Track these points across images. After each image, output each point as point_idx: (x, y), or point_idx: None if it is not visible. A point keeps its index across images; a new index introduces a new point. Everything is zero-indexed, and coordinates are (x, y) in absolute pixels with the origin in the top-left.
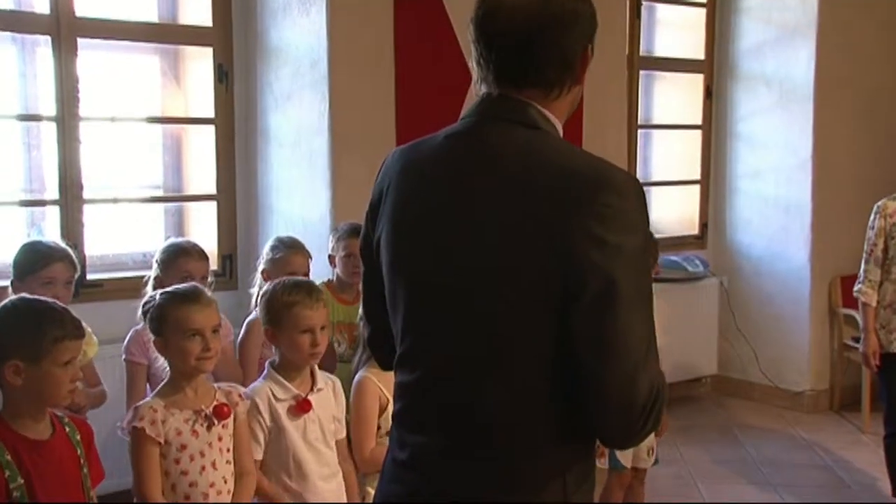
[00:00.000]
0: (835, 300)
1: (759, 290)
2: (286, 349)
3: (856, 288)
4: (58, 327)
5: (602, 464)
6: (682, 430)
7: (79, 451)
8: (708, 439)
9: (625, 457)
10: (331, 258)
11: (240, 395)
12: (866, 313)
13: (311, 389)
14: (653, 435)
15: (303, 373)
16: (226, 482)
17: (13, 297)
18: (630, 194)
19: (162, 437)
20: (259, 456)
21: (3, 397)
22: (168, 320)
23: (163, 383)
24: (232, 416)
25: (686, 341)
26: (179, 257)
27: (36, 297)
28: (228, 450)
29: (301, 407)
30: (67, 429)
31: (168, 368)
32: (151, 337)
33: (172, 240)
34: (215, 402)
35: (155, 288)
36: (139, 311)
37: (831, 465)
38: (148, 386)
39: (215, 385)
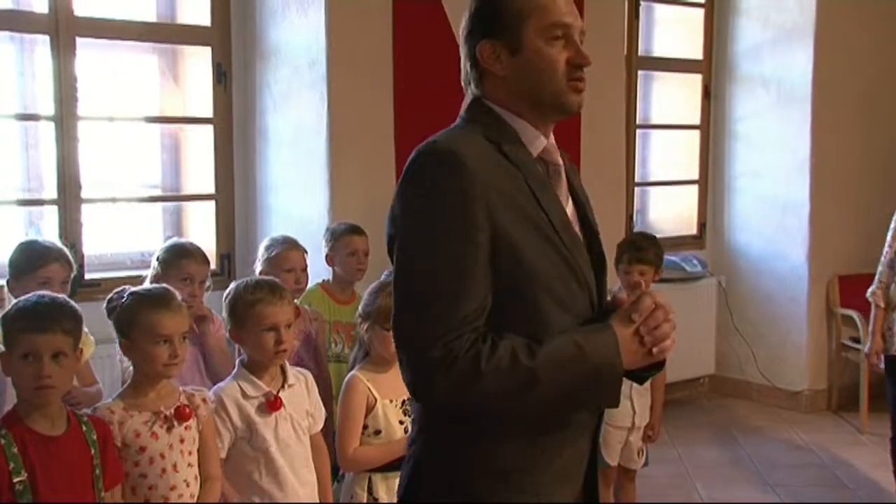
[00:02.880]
0: (833, 300)
1: (757, 289)
2: (251, 349)
3: (869, 290)
4: (21, 319)
5: None
6: (680, 429)
7: (93, 451)
8: (705, 439)
9: (610, 455)
10: (328, 258)
11: (203, 399)
12: (876, 315)
13: (282, 386)
14: (640, 436)
15: (272, 370)
16: (188, 486)
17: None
18: (420, 163)
19: (119, 440)
20: (222, 455)
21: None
22: (138, 324)
23: (125, 385)
24: (194, 418)
25: (684, 341)
26: (182, 259)
27: (44, 294)
28: (191, 453)
29: (272, 405)
30: (84, 427)
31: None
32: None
33: (175, 240)
34: (177, 404)
35: None
36: (104, 307)
37: (829, 465)
38: None
39: (180, 388)
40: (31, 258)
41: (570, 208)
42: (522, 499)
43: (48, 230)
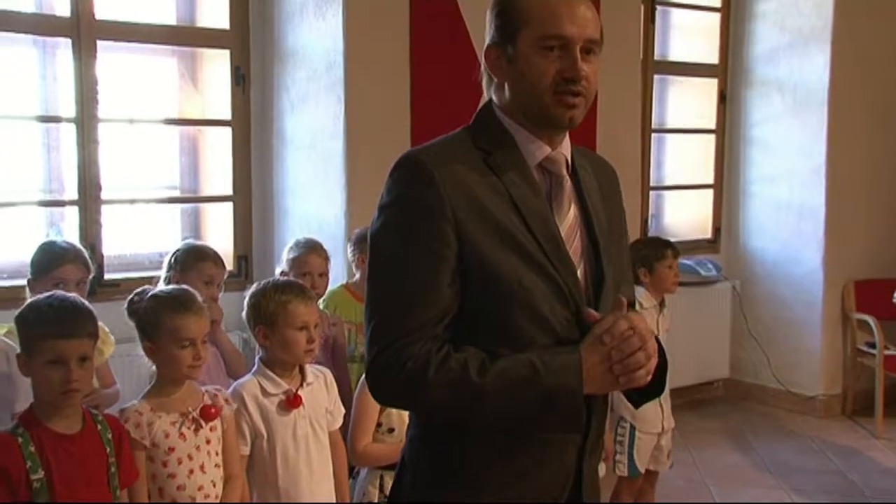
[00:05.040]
0: (848, 305)
1: (771, 294)
2: (280, 348)
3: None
4: (45, 325)
5: (621, 471)
6: (694, 433)
7: (108, 450)
8: (720, 442)
9: (641, 462)
10: (360, 260)
11: (226, 399)
12: None
13: (301, 384)
14: (670, 438)
15: (292, 369)
16: (214, 486)
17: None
18: (392, 172)
19: (148, 441)
20: (245, 451)
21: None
22: (162, 327)
23: (150, 386)
24: (220, 418)
25: (698, 345)
26: (201, 261)
27: (53, 293)
28: (217, 453)
29: (291, 402)
30: (99, 427)
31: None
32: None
33: (191, 242)
34: (202, 404)
35: None
36: (125, 308)
37: (843, 470)
38: None
39: (202, 388)
40: (48, 259)
41: (571, 219)
42: None
43: (69, 231)
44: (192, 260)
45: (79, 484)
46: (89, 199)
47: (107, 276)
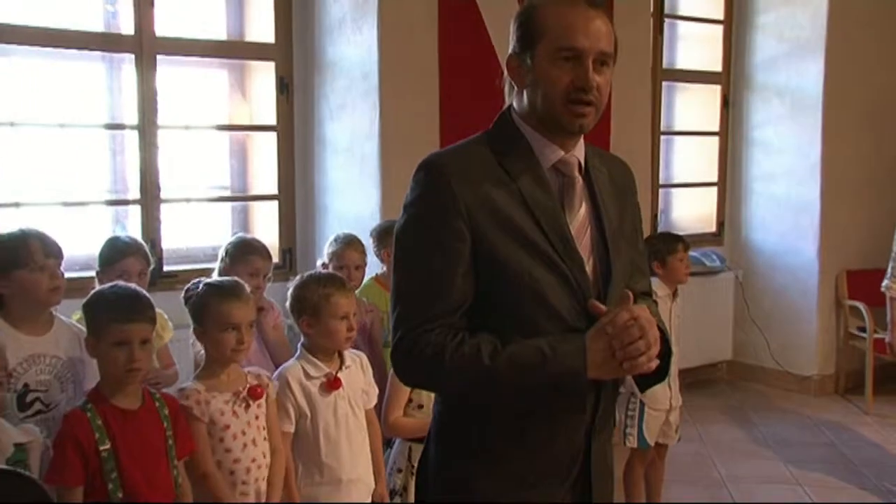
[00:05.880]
0: (841, 292)
1: (771, 283)
2: (323, 336)
3: (883, 283)
4: (110, 311)
5: (631, 443)
6: (700, 410)
7: (165, 424)
8: (723, 420)
9: (650, 436)
10: (382, 255)
11: (268, 378)
12: (892, 307)
13: (340, 368)
14: (679, 413)
15: (333, 354)
16: (264, 457)
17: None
18: (414, 174)
19: (206, 417)
20: (290, 429)
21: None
22: (209, 313)
23: (200, 368)
24: (265, 396)
25: (704, 329)
26: (249, 254)
27: (116, 283)
28: (264, 428)
29: (332, 384)
30: (157, 403)
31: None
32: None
33: (241, 236)
34: (248, 384)
35: None
36: (182, 297)
37: (836, 443)
38: None
39: (245, 370)
40: (112, 252)
41: (581, 217)
42: (509, 489)
43: (132, 227)
44: (241, 253)
45: (141, 454)
46: (150, 198)
47: (166, 269)
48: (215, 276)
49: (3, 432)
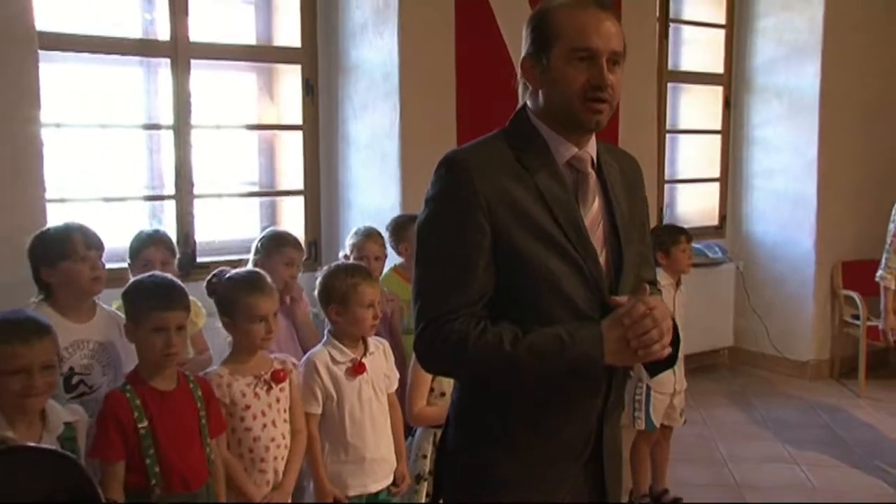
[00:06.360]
0: (836, 282)
1: (770, 273)
2: (350, 324)
3: (878, 274)
4: (148, 299)
5: (639, 425)
6: (703, 394)
7: (199, 405)
8: (725, 402)
9: (656, 417)
10: (397, 248)
11: (293, 363)
12: (886, 296)
13: (364, 354)
14: (683, 397)
15: (358, 340)
16: (284, 437)
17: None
18: (436, 170)
19: (228, 399)
20: (318, 410)
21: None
22: (238, 305)
23: (227, 354)
24: (287, 381)
25: (707, 317)
26: (284, 246)
27: (154, 273)
28: (286, 410)
29: (356, 369)
30: (192, 385)
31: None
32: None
33: (275, 229)
34: (272, 369)
35: None
36: (205, 288)
37: (831, 425)
38: None
39: (271, 355)
40: (135, 244)
41: (594, 211)
42: (526, 466)
43: (167, 221)
44: (275, 245)
45: (176, 433)
46: (184, 193)
47: (199, 260)
48: (250, 268)
49: (53, 412)
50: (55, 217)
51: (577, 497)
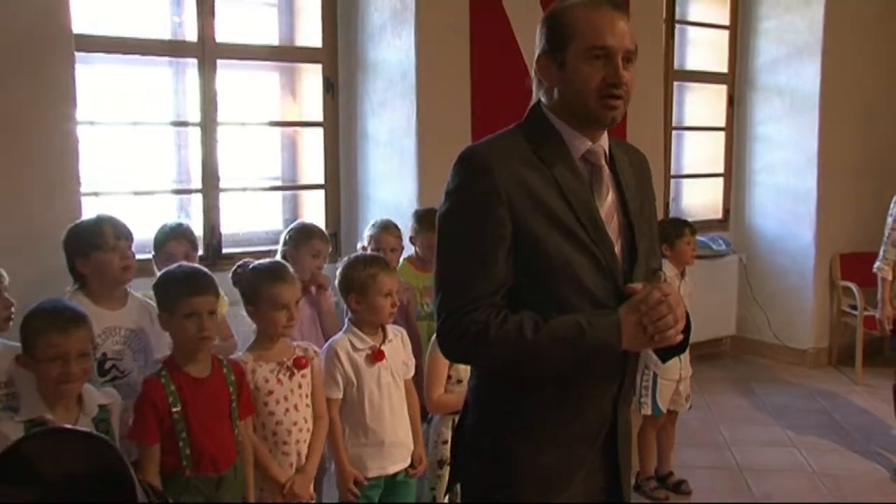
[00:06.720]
0: (835, 274)
1: (771, 265)
2: (370, 312)
3: (875, 265)
4: (180, 286)
5: (645, 411)
6: (707, 381)
7: (231, 389)
8: (728, 389)
9: (663, 403)
10: (412, 239)
11: (315, 351)
12: (884, 286)
13: (383, 341)
14: (689, 383)
15: (377, 328)
16: (306, 422)
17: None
18: (456, 164)
19: (252, 384)
20: (338, 396)
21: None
22: (261, 294)
23: (252, 342)
24: (309, 367)
25: (710, 307)
26: (312, 238)
27: (181, 264)
28: (307, 395)
29: (376, 356)
30: (225, 369)
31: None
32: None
33: (302, 222)
34: (295, 356)
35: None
36: (230, 278)
37: (829, 410)
38: None
39: (294, 343)
40: (158, 238)
41: (609, 203)
42: (543, 451)
43: (194, 214)
44: (304, 237)
45: (207, 417)
46: (210, 188)
47: (224, 251)
48: (273, 258)
49: (89, 395)
50: (89, 210)
51: (592, 481)
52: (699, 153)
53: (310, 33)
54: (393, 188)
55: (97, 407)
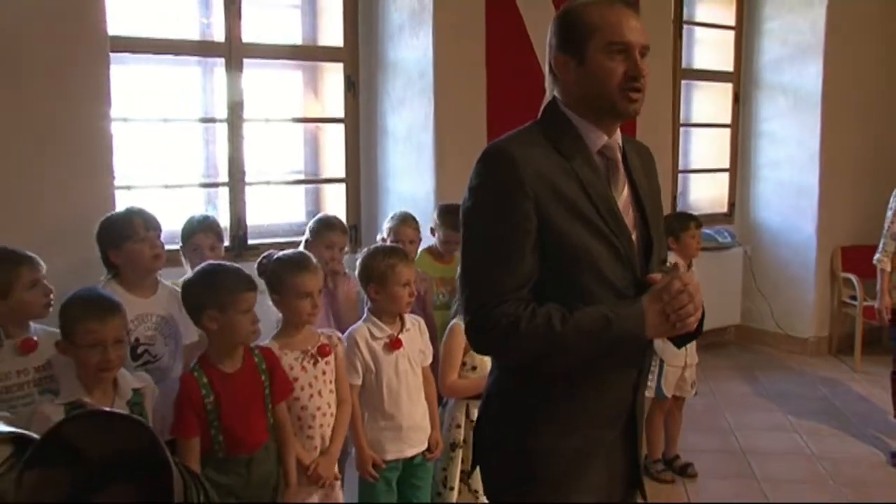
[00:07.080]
0: (836, 265)
1: (775, 257)
2: (389, 302)
3: (875, 257)
4: (234, 283)
5: (648, 393)
6: (712, 368)
7: (263, 377)
8: (732, 376)
9: (668, 388)
10: (432, 230)
11: (338, 338)
12: (883, 278)
13: (401, 330)
14: (695, 370)
15: (395, 317)
16: (329, 406)
17: (206, 263)
18: (480, 161)
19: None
20: (358, 382)
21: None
22: (285, 284)
23: (277, 330)
24: (333, 354)
25: (716, 298)
26: (328, 230)
27: (219, 262)
28: (331, 381)
29: (394, 344)
30: (256, 359)
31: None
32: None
33: (323, 215)
34: (319, 344)
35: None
36: (255, 269)
37: (829, 397)
38: None
39: (318, 331)
40: (186, 230)
41: (625, 196)
42: (566, 437)
43: (221, 207)
44: (323, 229)
45: (238, 407)
46: (236, 181)
47: (250, 242)
48: (296, 249)
49: (124, 379)
50: (122, 202)
51: (613, 463)
52: (706, 149)
53: (332, 33)
54: (411, 182)
55: (131, 391)
